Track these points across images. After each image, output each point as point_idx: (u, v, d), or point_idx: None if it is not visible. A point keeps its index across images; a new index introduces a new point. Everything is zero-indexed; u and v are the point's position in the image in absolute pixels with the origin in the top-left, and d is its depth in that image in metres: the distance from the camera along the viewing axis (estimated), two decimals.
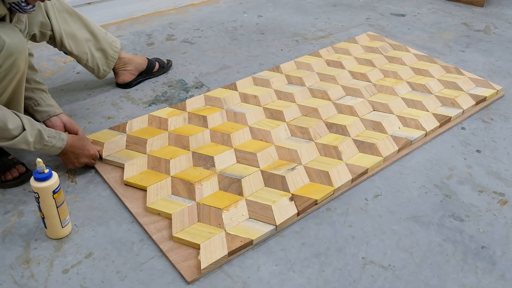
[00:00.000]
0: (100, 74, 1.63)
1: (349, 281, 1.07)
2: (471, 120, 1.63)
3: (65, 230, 1.15)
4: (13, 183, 1.29)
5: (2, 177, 1.28)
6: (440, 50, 2.11)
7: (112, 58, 1.63)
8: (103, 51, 1.60)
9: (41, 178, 1.06)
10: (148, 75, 1.81)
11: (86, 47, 1.55)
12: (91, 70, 1.62)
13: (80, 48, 1.54)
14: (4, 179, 1.28)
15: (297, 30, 2.27)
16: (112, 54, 1.63)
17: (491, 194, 1.33)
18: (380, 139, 1.47)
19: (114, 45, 1.63)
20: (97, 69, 1.61)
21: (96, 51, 1.58)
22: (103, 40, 1.59)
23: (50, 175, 1.07)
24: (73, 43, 1.52)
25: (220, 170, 1.33)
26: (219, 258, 1.08)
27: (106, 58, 1.62)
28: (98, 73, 1.63)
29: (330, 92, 1.71)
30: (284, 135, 1.49)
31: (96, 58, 1.59)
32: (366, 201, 1.30)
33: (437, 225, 1.22)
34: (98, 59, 1.60)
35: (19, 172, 1.30)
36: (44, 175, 1.06)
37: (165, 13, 2.41)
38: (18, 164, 1.32)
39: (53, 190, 1.08)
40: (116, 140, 1.44)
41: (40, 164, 1.06)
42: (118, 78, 1.73)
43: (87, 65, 1.59)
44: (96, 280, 1.06)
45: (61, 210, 1.12)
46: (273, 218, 1.18)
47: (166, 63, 1.87)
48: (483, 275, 1.10)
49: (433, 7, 2.59)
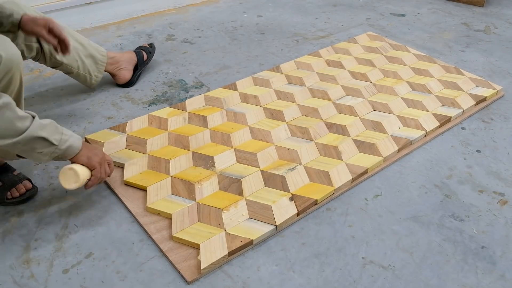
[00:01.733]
0: (93, 81, 1.61)
1: (349, 281, 1.07)
2: (471, 120, 1.63)
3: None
4: (17, 200, 1.23)
5: (8, 194, 1.22)
6: (440, 50, 2.11)
7: (102, 62, 1.61)
8: (92, 57, 1.58)
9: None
10: (142, 66, 1.80)
11: (75, 55, 1.52)
12: (83, 78, 1.59)
13: (70, 57, 1.51)
14: (10, 196, 1.22)
15: (297, 30, 2.27)
16: (101, 58, 1.60)
17: (491, 194, 1.33)
18: (380, 139, 1.47)
19: (100, 50, 1.61)
20: (89, 76, 1.58)
21: (86, 57, 1.56)
22: (89, 46, 1.57)
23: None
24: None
25: (220, 170, 1.33)
26: (219, 258, 1.08)
27: (96, 63, 1.59)
28: (90, 80, 1.60)
29: (330, 92, 1.71)
30: (284, 135, 1.49)
31: (87, 64, 1.57)
32: (366, 201, 1.30)
33: (437, 225, 1.22)
34: (89, 65, 1.57)
35: (26, 189, 1.24)
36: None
37: (165, 13, 2.41)
38: (24, 179, 1.25)
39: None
40: (116, 140, 1.44)
41: None
42: (117, 79, 1.73)
43: (78, 73, 1.56)
44: (96, 280, 1.06)
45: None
46: (273, 218, 1.18)
47: (149, 47, 1.85)
48: (483, 275, 1.10)
49: (433, 7, 2.59)
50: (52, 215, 1.22)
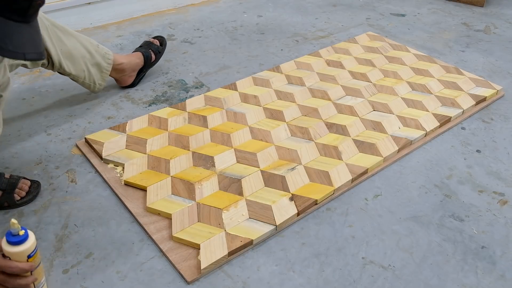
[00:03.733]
0: (96, 89, 1.61)
1: (349, 281, 1.07)
2: (471, 120, 1.63)
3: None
4: (28, 199, 1.23)
5: (16, 196, 1.22)
6: (440, 50, 2.11)
7: (106, 71, 1.60)
8: (98, 65, 1.57)
9: (15, 242, 0.91)
10: (148, 68, 1.80)
11: (83, 65, 1.51)
12: (87, 87, 1.59)
13: (78, 67, 1.50)
14: (19, 198, 1.22)
15: (297, 30, 2.27)
16: (106, 66, 1.59)
17: (491, 194, 1.33)
18: (380, 139, 1.47)
19: (107, 56, 1.59)
20: (93, 84, 1.58)
21: (92, 66, 1.55)
22: (96, 53, 1.55)
23: (25, 237, 0.92)
24: (71, 63, 1.47)
25: (220, 170, 1.33)
26: (219, 258, 1.08)
27: (101, 72, 1.59)
28: (94, 88, 1.60)
29: (330, 92, 1.71)
30: (284, 135, 1.49)
31: (92, 74, 1.56)
32: (366, 201, 1.30)
33: (437, 225, 1.22)
34: (94, 75, 1.57)
35: (27, 185, 1.24)
36: (19, 238, 0.91)
37: (165, 13, 2.41)
38: (20, 178, 1.25)
39: (28, 255, 0.93)
40: (116, 140, 1.44)
41: (15, 226, 0.91)
42: (119, 83, 1.73)
43: (84, 83, 1.56)
44: (96, 280, 1.06)
45: (35, 273, 0.97)
46: (273, 218, 1.18)
47: (159, 45, 1.83)
48: (483, 275, 1.10)
49: (433, 7, 2.59)
50: (52, 215, 1.22)
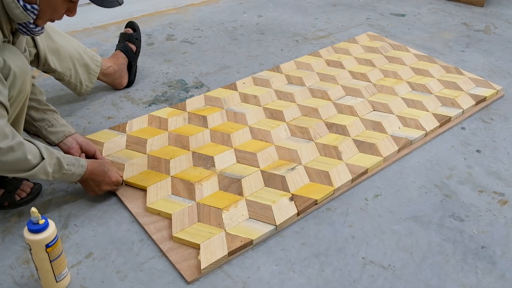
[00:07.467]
0: (83, 90, 1.57)
1: (349, 281, 1.07)
2: (471, 120, 1.63)
3: (61, 284, 1.02)
4: (28, 199, 1.24)
5: (16, 196, 1.23)
6: (440, 50, 2.11)
7: (94, 72, 1.57)
8: (86, 65, 1.54)
9: (35, 230, 0.94)
10: (135, 60, 1.76)
11: (70, 63, 1.49)
12: (74, 87, 1.55)
13: (64, 64, 1.48)
14: (19, 198, 1.23)
15: (297, 30, 2.27)
16: (94, 68, 1.57)
17: (491, 194, 1.33)
18: (380, 139, 1.47)
19: (96, 59, 1.58)
20: (79, 85, 1.55)
21: (80, 66, 1.53)
22: (84, 54, 1.54)
23: (45, 226, 0.95)
24: (57, 60, 1.45)
25: (220, 170, 1.33)
26: (219, 258, 1.08)
27: (89, 73, 1.56)
28: (80, 89, 1.56)
29: (330, 92, 1.71)
30: (284, 135, 1.49)
31: (80, 74, 1.53)
32: (366, 201, 1.30)
33: (437, 225, 1.22)
34: (81, 74, 1.54)
35: (29, 187, 1.26)
36: (39, 226, 0.94)
37: (165, 13, 2.41)
38: (23, 180, 1.26)
39: (47, 243, 0.95)
40: (116, 140, 1.44)
41: (35, 214, 0.94)
42: (116, 87, 1.73)
43: (69, 82, 1.52)
44: (96, 280, 1.06)
45: (56, 264, 0.99)
46: (273, 218, 1.18)
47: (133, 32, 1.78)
48: (483, 275, 1.10)
49: (433, 7, 2.59)
50: (52, 215, 1.22)
